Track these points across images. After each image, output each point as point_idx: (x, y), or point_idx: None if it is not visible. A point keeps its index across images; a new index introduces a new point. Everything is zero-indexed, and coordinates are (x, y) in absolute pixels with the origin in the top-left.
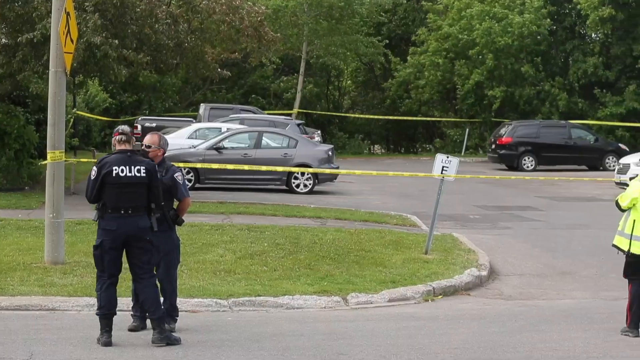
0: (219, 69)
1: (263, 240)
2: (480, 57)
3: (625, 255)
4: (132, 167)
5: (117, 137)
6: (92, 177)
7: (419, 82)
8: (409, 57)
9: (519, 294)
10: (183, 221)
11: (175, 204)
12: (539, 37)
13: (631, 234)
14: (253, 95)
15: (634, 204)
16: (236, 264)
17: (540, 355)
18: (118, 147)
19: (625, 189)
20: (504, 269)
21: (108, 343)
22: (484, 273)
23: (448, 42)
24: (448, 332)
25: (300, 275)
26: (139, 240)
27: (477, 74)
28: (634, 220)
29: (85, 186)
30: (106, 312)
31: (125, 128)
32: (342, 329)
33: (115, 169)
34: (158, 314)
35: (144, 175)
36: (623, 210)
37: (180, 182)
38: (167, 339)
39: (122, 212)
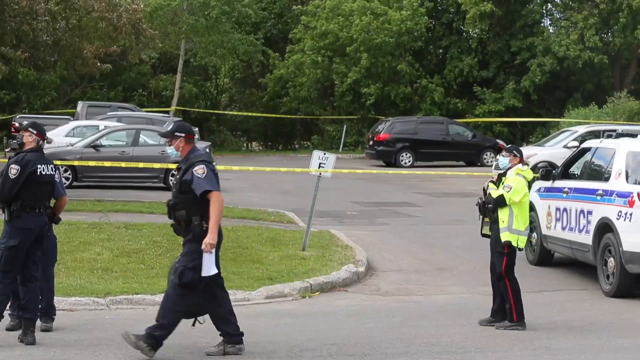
0: (99, 64)
1: (140, 238)
2: (357, 54)
3: (507, 252)
4: (48, 165)
5: (27, 134)
6: (14, 176)
7: (298, 80)
8: (286, 55)
9: (396, 289)
10: (60, 219)
11: (52, 202)
12: (415, 33)
13: (517, 230)
14: (135, 92)
15: (520, 200)
16: (114, 262)
17: (417, 351)
18: (30, 145)
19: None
20: (382, 265)
21: None
22: (362, 269)
23: (325, 40)
24: (326, 328)
25: None
26: (43, 237)
27: (355, 73)
28: (516, 216)
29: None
30: (2, 315)
31: (37, 125)
32: None
33: (39, 167)
34: (37, 314)
35: (54, 173)
36: (501, 207)
37: (58, 180)
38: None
39: (37, 210)
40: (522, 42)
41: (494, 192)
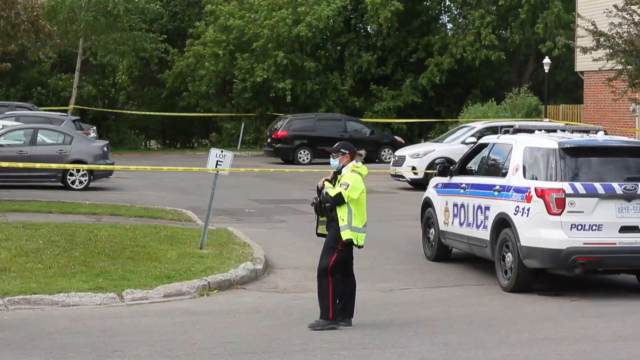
0: None
1: (38, 238)
2: (256, 51)
3: (340, 250)
4: None
5: None
6: None
7: (198, 73)
8: (186, 49)
9: (294, 287)
10: None
11: None
12: (313, 30)
13: (356, 227)
14: (34, 91)
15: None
16: (11, 262)
17: (315, 347)
18: None
19: (402, 180)
20: (280, 263)
21: None
22: (259, 267)
23: (230, 34)
24: (224, 326)
25: (76, 273)
26: None
27: (262, 69)
28: (354, 213)
29: None
30: None
31: None
32: (117, 325)
33: None
34: None
35: None
36: (340, 205)
37: None
38: None
39: None
40: (419, 41)
41: (332, 191)
